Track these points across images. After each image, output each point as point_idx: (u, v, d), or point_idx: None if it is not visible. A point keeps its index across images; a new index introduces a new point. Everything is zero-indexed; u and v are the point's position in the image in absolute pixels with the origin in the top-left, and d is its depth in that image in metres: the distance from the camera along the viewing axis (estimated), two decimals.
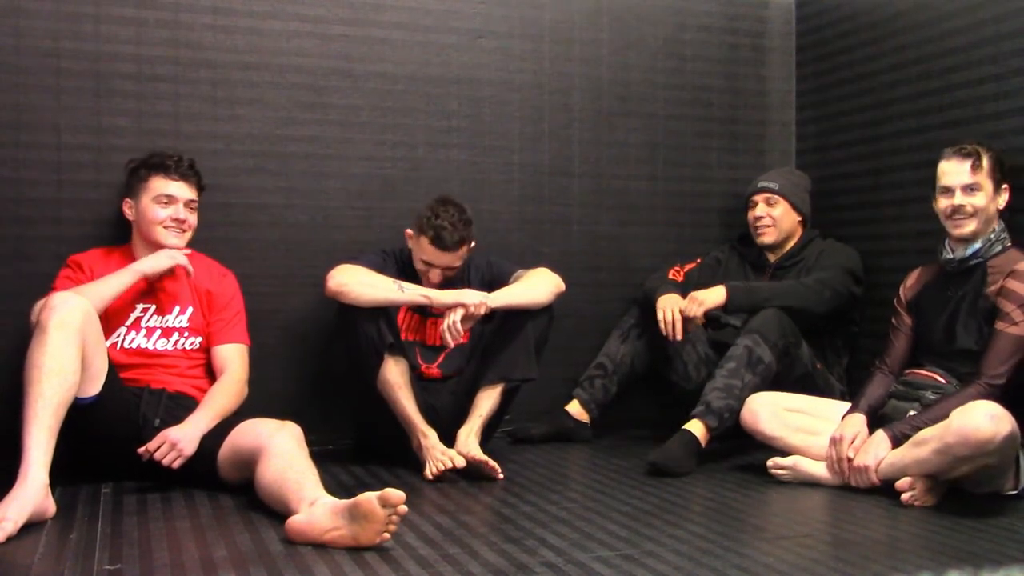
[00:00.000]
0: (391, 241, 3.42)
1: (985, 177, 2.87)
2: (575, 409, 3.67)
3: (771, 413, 3.03)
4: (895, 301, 3.12)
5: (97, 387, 2.70)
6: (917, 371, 2.96)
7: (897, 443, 2.76)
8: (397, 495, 2.19)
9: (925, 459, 2.63)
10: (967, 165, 2.88)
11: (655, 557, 2.17)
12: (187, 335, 3.04)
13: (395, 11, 3.62)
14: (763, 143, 4.11)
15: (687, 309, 3.38)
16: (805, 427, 3.00)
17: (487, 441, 3.22)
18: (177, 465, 2.71)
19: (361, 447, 3.41)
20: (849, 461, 2.84)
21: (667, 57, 3.99)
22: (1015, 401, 2.61)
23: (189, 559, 2.15)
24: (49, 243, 3.18)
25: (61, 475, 2.55)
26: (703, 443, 3.14)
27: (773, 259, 3.67)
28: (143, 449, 2.72)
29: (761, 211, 3.65)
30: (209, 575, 2.05)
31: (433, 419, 3.12)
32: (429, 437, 3.05)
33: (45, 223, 3.21)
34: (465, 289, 3.17)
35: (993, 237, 2.90)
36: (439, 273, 3.22)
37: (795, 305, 3.34)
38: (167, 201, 3.02)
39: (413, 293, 3.11)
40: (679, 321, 3.38)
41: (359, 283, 3.05)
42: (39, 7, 3.21)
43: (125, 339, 2.97)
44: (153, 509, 2.59)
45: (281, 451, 2.51)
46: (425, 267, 3.23)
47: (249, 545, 2.26)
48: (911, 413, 2.83)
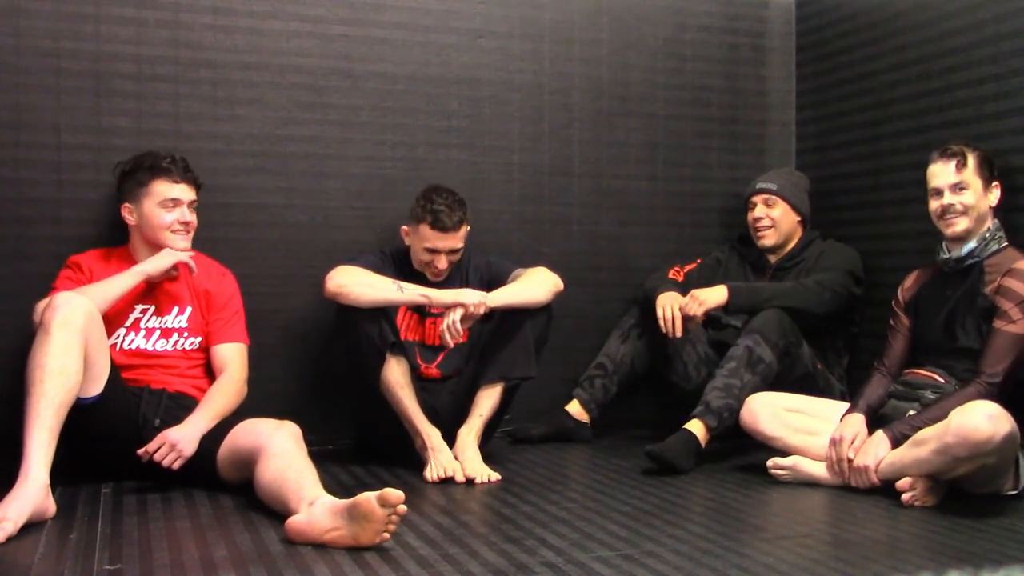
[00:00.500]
0: (391, 241, 3.42)
1: (972, 175, 2.89)
2: (575, 409, 3.66)
3: (771, 413, 3.03)
4: (893, 302, 3.12)
5: (99, 387, 2.70)
6: (916, 371, 2.96)
7: (896, 443, 2.76)
8: (396, 495, 2.18)
9: (925, 459, 2.63)
10: (952, 165, 2.90)
11: (655, 557, 2.17)
12: (186, 335, 3.04)
13: (395, 11, 3.62)
14: (763, 143, 4.11)
15: (687, 307, 3.38)
16: (805, 427, 3.00)
17: (487, 441, 3.22)
18: (177, 466, 2.71)
19: (361, 447, 3.41)
20: (849, 461, 2.84)
21: (667, 57, 3.99)
22: (1014, 401, 2.61)
23: (189, 559, 2.15)
24: (49, 243, 3.18)
25: (61, 475, 2.55)
26: (703, 443, 3.14)
27: (773, 260, 3.67)
28: (142, 451, 2.72)
29: (760, 212, 3.64)
30: (209, 575, 2.05)
31: (433, 419, 3.12)
32: (432, 438, 3.06)
33: (45, 223, 3.21)
34: (464, 289, 3.18)
35: (988, 236, 2.91)
36: (444, 258, 3.22)
37: (796, 306, 3.34)
38: (173, 205, 3.01)
39: (412, 293, 3.11)
40: (678, 319, 3.38)
41: (358, 284, 3.05)
42: (39, 7, 3.21)
43: (124, 340, 2.97)
44: (153, 509, 2.59)
45: (280, 451, 2.51)
46: (428, 256, 3.22)
47: (249, 545, 2.26)
48: (910, 413, 2.83)
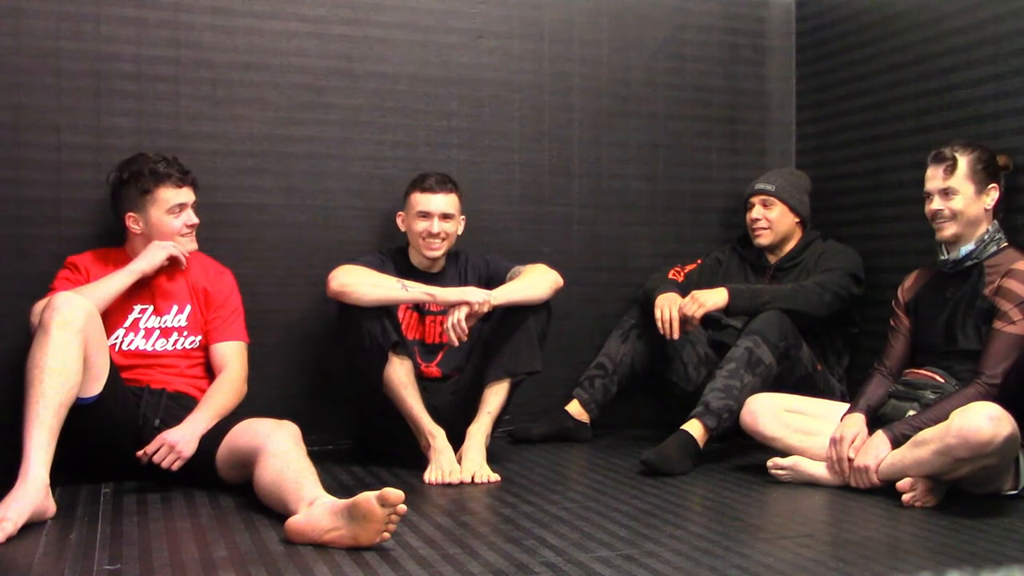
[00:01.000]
0: (391, 241, 3.42)
1: (962, 180, 2.87)
2: (575, 409, 3.66)
3: (771, 414, 3.02)
4: (893, 302, 3.12)
5: (98, 387, 2.70)
6: (916, 371, 2.96)
7: (897, 443, 2.76)
8: (396, 495, 2.18)
9: (925, 460, 2.63)
10: (940, 170, 2.90)
11: (655, 557, 2.17)
12: (186, 334, 3.04)
13: (395, 11, 3.62)
14: (763, 143, 4.11)
15: (686, 307, 3.37)
16: (805, 428, 3.00)
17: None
18: (176, 468, 2.71)
19: (361, 447, 3.41)
20: (849, 461, 2.84)
21: (667, 57, 3.99)
22: (1015, 402, 2.61)
23: (189, 559, 2.15)
24: (49, 243, 3.18)
25: (61, 475, 2.55)
26: (701, 444, 3.13)
27: (773, 260, 3.67)
28: (141, 453, 2.72)
29: (757, 213, 3.64)
30: (209, 575, 2.05)
31: (434, 418, 3.11)
32: (437, 438, 3.05)
33: (45, 223, 3.21)
34: (468, 287, 3.18)
35: (987, 238, 2.90)
36: (437, 222, 3.26)
37: (796, 308, 3.34)
38: (180, 210, 3.01)
39: (417, 291, 3.11)
40: (676, 320, 3.37)
41: (362, 283, 3.05)
42: (39, 7, 3.21)
43: (124, 341, 2.96)
44: (153, 509, 2.59)
45: (279, 451, 2.50)
46: (422, 225, 3.27)
47: (249, 545, 2.26)
48: (911, 413, 2.83)
